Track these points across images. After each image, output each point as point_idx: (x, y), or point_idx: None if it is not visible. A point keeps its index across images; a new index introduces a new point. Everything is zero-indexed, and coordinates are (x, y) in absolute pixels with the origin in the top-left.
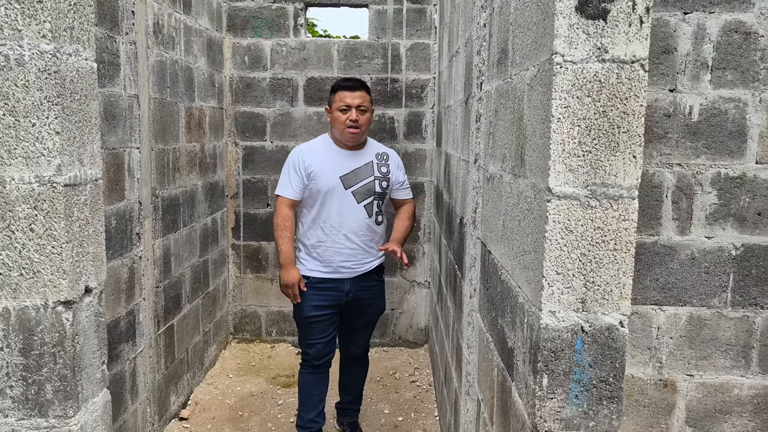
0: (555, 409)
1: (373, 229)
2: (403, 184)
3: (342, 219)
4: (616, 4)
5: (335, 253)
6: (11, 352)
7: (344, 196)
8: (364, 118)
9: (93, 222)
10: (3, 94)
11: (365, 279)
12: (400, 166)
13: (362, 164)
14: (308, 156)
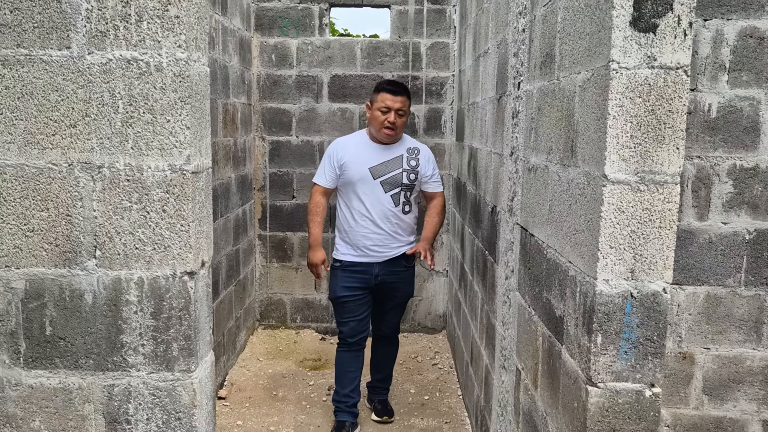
0: (607, 364)
1: (400, 218)
2: (432, 177)
3: (370, 207)
4: (664, 20)
5: (364, 237)
6: (144, 316)
7: (373, 186)
8: (401, 121)
9: (206, 204)
10: (143, 95)
11: (393, 264)
12: (430, 160)
13: (392, 157)
14: (342, 148)
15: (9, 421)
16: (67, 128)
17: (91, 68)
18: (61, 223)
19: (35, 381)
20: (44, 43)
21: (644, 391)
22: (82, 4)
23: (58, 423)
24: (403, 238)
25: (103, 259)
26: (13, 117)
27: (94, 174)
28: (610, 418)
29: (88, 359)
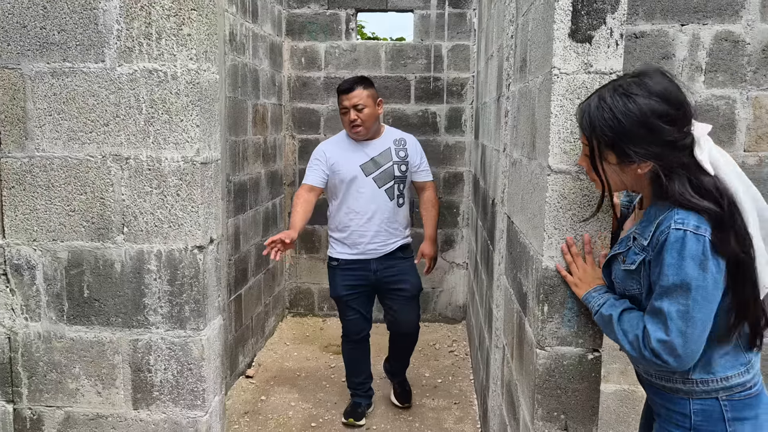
0: (553, 330)
1: (396, 211)
2: (421, 166)
3: (365, 204)
4: (598, 32)
5: (360, 236)
6: (162, 282)
7: (366, 183)
8: (365, 114)
9: (215, 191)
10: (162, 99)
11: (389, 258)
12: (417, 149)
13: (380, 151)
14: (330, 150)
15: (55, 367)
16: (102, 127)
17: (120, 77)
18: (96, 204)
19: (75, 335)
20: (84, 57)
21: (586, 354)
22: (114, 25)
23: (93, 370)
24: (398, 231)
25: (129, 235)
26: (59, 118)
27: (123, 164)
28: (556, 378)
29: (117, 317)
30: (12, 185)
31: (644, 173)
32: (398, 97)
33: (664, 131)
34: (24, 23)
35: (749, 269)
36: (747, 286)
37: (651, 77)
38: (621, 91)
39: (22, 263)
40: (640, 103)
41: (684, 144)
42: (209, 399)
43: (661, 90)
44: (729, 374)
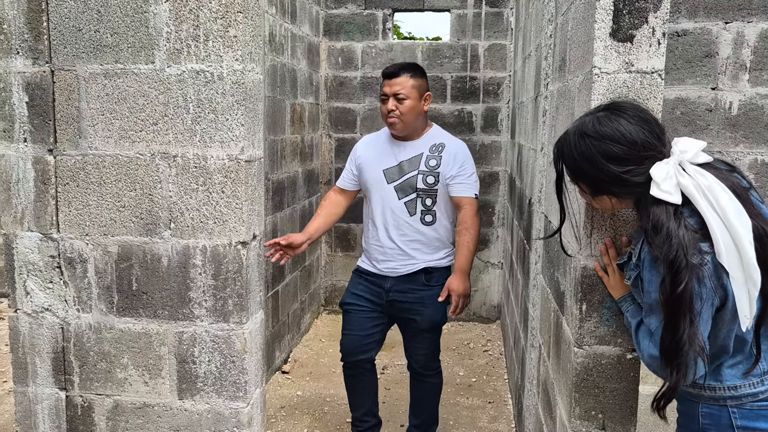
0: (591, 329)
1: (419, 230)
2: (456, 179)
3: (381, 215)
4: (640, 31)
5: (376, 251)
6: (206, 276)
7: (386, 191)
8: (405, 106)
9: (258, 188)
10: (208, 99)
11: (409, 280)
12: (457, 158)
13: (411, 156)
14: (362, 147)
15: (105, 356)
16: (151, 126)
17: (169, 78)
18: (145, 200)
19: (124, 326)
20: (135, 59)
21: (625, 354)
22: (164, 28)
23: (141, 360)
24: (421, 253)
25: (176, 230)
26: (111, 117)
27: (170, 162)
28: (594, 377)
29: (164, 310)
30: (66, 182)
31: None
32: (434, 96)
33: (610, 169)
34: (79, 27)
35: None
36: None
37: (610, 116)
38: (579, 131)
39: (74, 257)
40: (588, 143)
41: (635, 181)
42: (251, 391)
43: (609, 132)
44: (737, 384)
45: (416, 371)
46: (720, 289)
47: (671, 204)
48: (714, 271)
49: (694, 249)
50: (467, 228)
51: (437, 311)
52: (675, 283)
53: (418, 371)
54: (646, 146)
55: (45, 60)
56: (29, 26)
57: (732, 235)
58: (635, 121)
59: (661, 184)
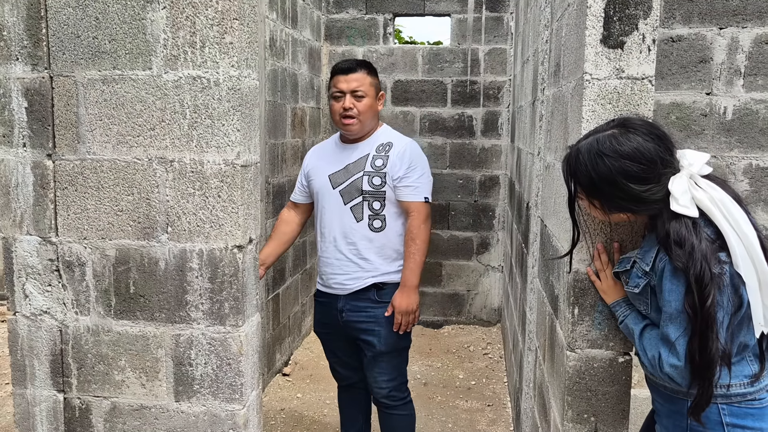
0: (583, 333)
1: (367, 237)
2: (402, 181)
3: (329, 223)
4: (630, 38)
5: (325, 264)
6: (203, 279)
7: (332, 197)
8: (363, 104)
9: (254, 192)
10: (205, 104)
11: (359, 298)
12: (404, 158)
13: (357, 158)
14: (311, 154)
15: (103, 359)
16: (148, 131)
17: (166, 84)
18: (142, 205)
19: (122, 329)
20: (133, 65)
21: (617, 357)
22: (161, 35)
23: (138, 362)
24: (372, 265)
25: (173, 234)
26: (109, 122)
27: (168, 167)
28: (586, 380)
29: (161, 313)
30: (65, 186)
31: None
32: (435, 100)
33: (631, 189)
34: (78, 33)
35: (711, 319)
36: (711, 333)
37: (625, 134)
38: (595, 150)
39: (73, 260)
40: (608, 164)
41: (654, 198)
42: (247, 393)
43: (629, 151)
44: (729, 383)
45: (380, 402)
46: (736, 297)
47: (689, 217)
48: (731, 280)
49: (714, 260)
50: (413, 238)
51: (394, 332)
52: (703, 297)
53: (381, 402)
54: (664, 163)
55: (44, 66)
56: (28, 33)
57: (746, 244)
58: (651, 139)
59: (679, 199)
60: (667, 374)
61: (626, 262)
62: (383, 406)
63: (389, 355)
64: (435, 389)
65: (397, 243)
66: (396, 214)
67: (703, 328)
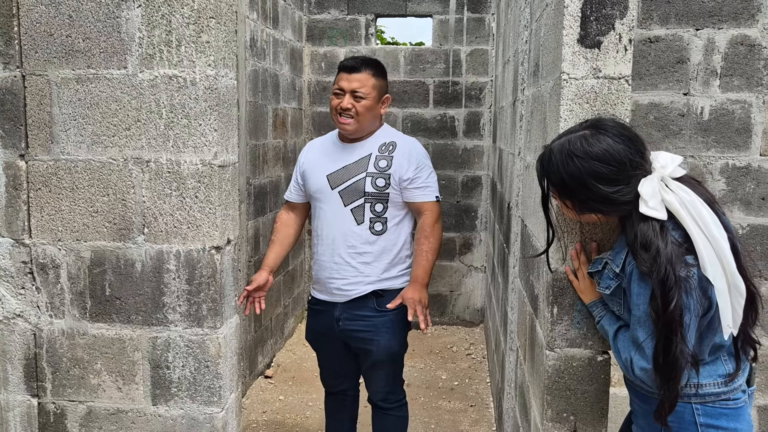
0: (562, 332)
1: (368, 241)
2: (414, 182)
3: (327, 226)
4: (607, 37)
5: (321, 268)
6: (180, 281)
7: (331, 199)
8: (362, 105)
9: (232, 193)
10: (181, 104)
11: (358, 306)
12: (411, 158)
13: (358, 158)
14: (307, 152)
15: (78, 362)
16: (124, 131)
17: (142, 83)
18: (118, 206)
19: (98, 332)
20: (107, 64)
21: (596, 356)
22: (136, 33)
23: (114, 366)
24: (372, 270)
25: (150, 235)
26: (83, 122)
27: (144, 167)
28: (565, 379)
29: (137, 315)
30: (38, 187)
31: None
32: (417, 101)
33: (600, 190)
34: (51, 32)
35: (679, 321)
36: (674, 337)
37: (596, 135)
38: (566, 150)
39: (47, 262)
40: (578, 164)
41: (623, 200)
42: (225, 396)
43: (599, 152)
44: (703, 382)
45: (377, 405)
46: (705, 300)
47: (657, 220)
48: (699, 283)
49: (680, 263)
50: (427, 236)
51: (393, 339)
52: (666, 300)
53: (378, 404)
54: (633, 165)
55: (16, 65)
56: (0, 31)
57: (715, 247)
58: (622, 140)
59: (648, 202)
60: (638, 377)
61: (598, 263)
62: (380, 409)
63: (387, 362)
64: (418, 390)
65: (397, 247)
66: (398, 217)
67: (666, 332)
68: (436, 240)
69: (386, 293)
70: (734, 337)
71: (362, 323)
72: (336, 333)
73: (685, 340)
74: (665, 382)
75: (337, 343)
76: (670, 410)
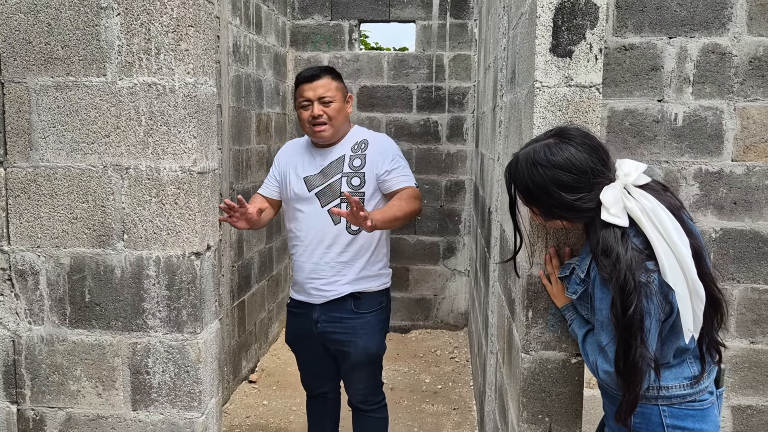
0: (537, 335)
1: (345, 240)
2: (392, 173)
3: (306, 228)
4: (579, 47)
5: (299, 269)
6: (160, 287)
7: (309, 201)
8: (332, 109)
9: (212, 199)
10: (161, 111)
11: (336, 308)
12: (386, 153)
13: (333, 160)
14: (284, 154)
15: (57, 369)
16: (103, 138)
17: (121, 91)
18: (98, 212)
19: (77, 338)
20: (87, 71)
21: (570, 359)
22: (115, 41)
23: (94, 372)
24: (350, 269)
25: (129, 241)
26: (63, 129)
27: (123, 174)
28: (541, 381)
29: (117, 321)
30: (17, 194)
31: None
32: (400, 106)
33: (563, 197)
34: (30, 39)
35: (638, 325)
36: (634, 340)
37: (559, 144)
38: (531, 158)
39: (26, 269)
40: (541, 172)
41: (586, 207)
42: (206, 401)
43: (561, 161)
44: (669, 384)
45: (357, 407)
46: (666, 305)
47: (619, 227)
48: (660, 288)
49: (640, 269)
50: (400, 198)
51: (371, 341)
52: (625, 305)
53: (358, 407)
54: (595, 173)
55: None
56: None
57: (675, 253)
58: (583, 149)
59: (610, 209)
60: (603, 379)
61: (566, 268)
62: (360, 411)
63: (366, 364)
64: (402, 393)
65: (374, 245)
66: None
67: (626, 336)
68: (408, 206)
69: (363, 295)
70: (700, 341)
71: (340, 325)
72: (315, 335)
73: (646, 344)
74: (626, 385)
75: (317, 345)
76: (629, 412)
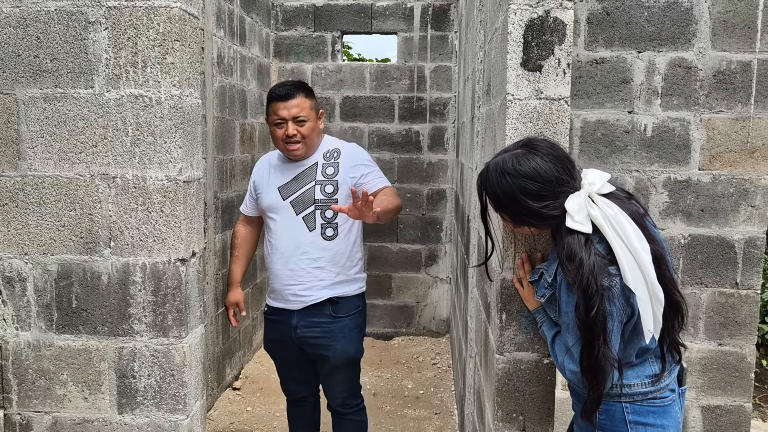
0: (511, 336)
1: (320, 246)
2: (368, 176)
3: (281, 236)
4: (548, 62)
5: (276, 277)
6: (146, 293)
7: (283, 209)
8: (306, 129)
9: (197, 207)
10: (147, 122)
11: (314, 313)
12: (358, 159)
13: (306, 168)
14: (258, 167)
15: (44, 374)
16: (91, 148)
17: (108, 102)
18: (85, 220)
19: (64, 343)
20: (75, 84)
21: (542, 359)
22: (103, 54)
23: (81, 376)
24: (327, 275)
25: (116, 248)
26: (51, 139)
27: (110, 183)
28: (514, 381)
29: (104, 326)
30: (5, 202)
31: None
32: (382, 116)
33: (530, 205)
34: (19, 52)
35: (601, 326)
36: (597, 341)
37: (527, 155)
38: (500, 168)
39: (13, 275)
40: (509, 181)
41: (551, 214)
42: (191, 404)
43: (528, 170)
44: (632, 383)
45: (336, 410)
46: (628, 307)
47: (583, 233)
48: (622, 292)
49: (603, 273)
50: (386, 194)
51: (350, 344)
52: (588, 308)
53: (337, 410)
54: (560, 182)
55: None
56: None
57: (636, 259)
58: (549, 159)
59: (574, 216)
60: (569, 379)
61: (536, 272)
62: (339, 414)
63: (344, 367)
64: (384, 399)
65: (349, 249)
66: (348, 221)
67: (589, 337)
68: (396, 201)
69: (341, 300)
70: (661, 341)
71: (318, 329)
72: (294, 341)
73: (609, 345)
74: (590, 383)
75: (296, 350)
76: (594, 409)
